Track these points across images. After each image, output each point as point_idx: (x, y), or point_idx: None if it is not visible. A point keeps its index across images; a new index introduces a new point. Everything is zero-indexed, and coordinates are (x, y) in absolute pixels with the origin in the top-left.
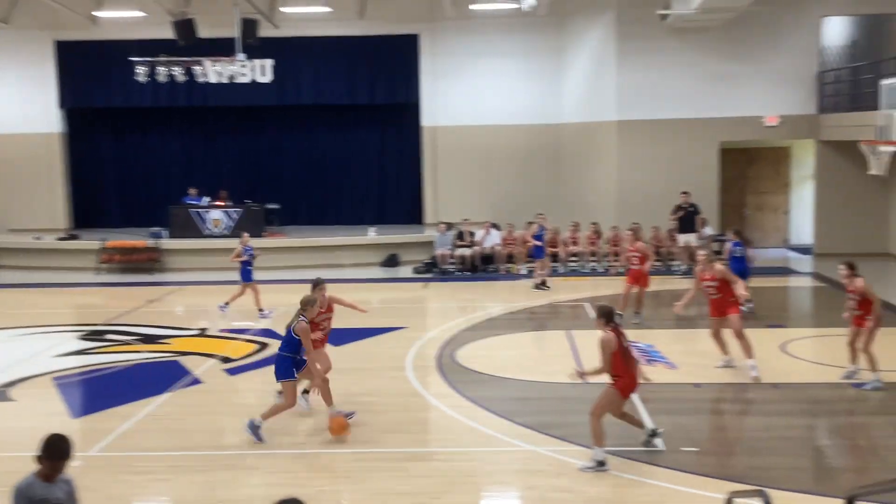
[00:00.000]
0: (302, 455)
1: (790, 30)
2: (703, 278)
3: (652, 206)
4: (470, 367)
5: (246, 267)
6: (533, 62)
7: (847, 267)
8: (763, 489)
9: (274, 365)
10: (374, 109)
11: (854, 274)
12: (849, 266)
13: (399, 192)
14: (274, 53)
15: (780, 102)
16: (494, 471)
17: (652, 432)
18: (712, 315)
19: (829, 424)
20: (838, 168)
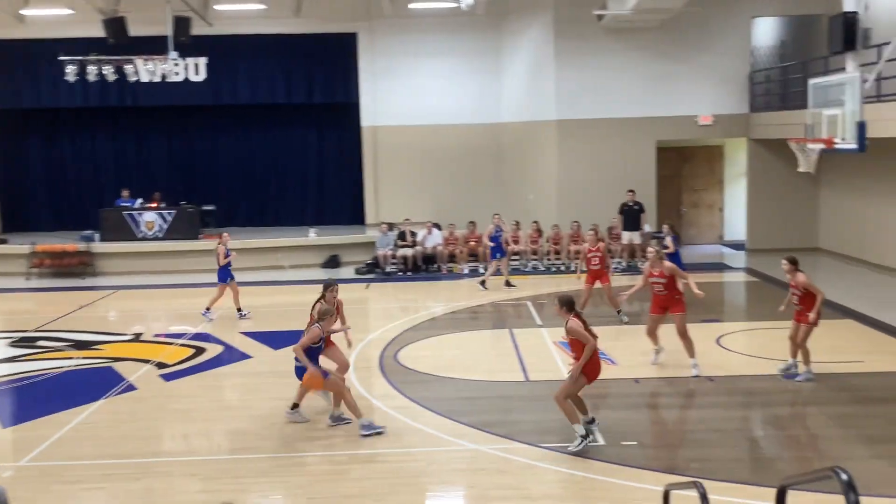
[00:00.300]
0: (242, 459)
1: (722, 30)
2: (651, 275)
3: (592, 204)
4: (412, 368)
5: (225, 268)
6: (472, 61)
7: (789, 262)
8: (698, 481)
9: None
10: (312, 109)
11: (796, 269)
12: (791, 262)
13: (339, 192)
14: (208, 52)
15: (714, 102)
16: (438, 470)
17: (591, 419)
18: (652, 312)
19: (764, 415)
20: (770, 166)
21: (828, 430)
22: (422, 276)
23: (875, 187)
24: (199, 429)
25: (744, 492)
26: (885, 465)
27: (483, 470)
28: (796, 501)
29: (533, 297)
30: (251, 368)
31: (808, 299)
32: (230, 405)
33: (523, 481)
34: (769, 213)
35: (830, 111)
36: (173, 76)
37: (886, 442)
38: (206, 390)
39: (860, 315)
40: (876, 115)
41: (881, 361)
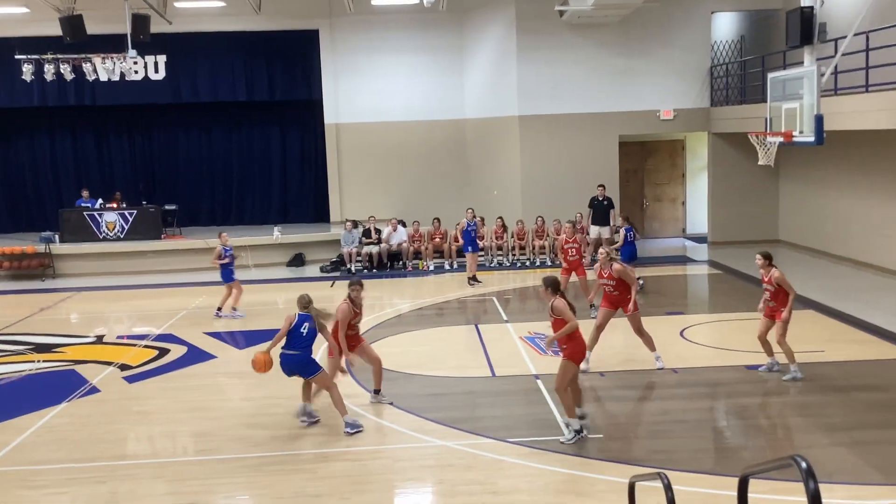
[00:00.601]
0: (208, 461)
1: (682, 25)
2: (601, 276)
3: (555, 199)
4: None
5: (227, 267)
6: (435, 58)
7: (763, 257)
8: (662, 472)
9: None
10: (275, 107)
11: (771, 265)
12: (765, 257)
13: (303, 190)
14: (167, 50)
15: (675, 96)
16: (405, 467)
17: (583, 415)
18: (603, 306)
19: (727, 406)
20: (730, 159)
21: (790, 419)
22: (387, 274)
23: (833, 179)
24: (163, 430)
25: (708, 481)
26: (845, 453)
27: (451, 466)
28: (759, 490)
29: (499, 293)
30: (216, 369)
31: (781, 295)
32: (195, 406)
33: (490, 476)
34: (730, 206)
35: (789, 105)
36: (132, 75)
37: (847, 429)
38: (170, 392)
39: (821, 305)
40: (833, 109)
41: (841, 351)
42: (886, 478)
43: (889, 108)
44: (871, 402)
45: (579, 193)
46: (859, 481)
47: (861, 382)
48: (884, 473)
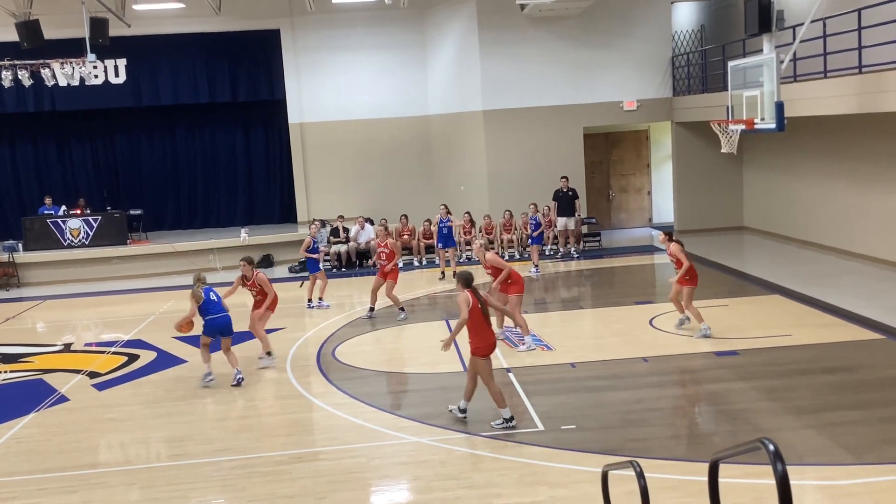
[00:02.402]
0: (180, 465)
1: (643, 16)
2: (484, 268)
3: (523, 192)
4: (351, 364)
5: (314, 258)
6: (398, 55)
7: (664, 234)
8: (633, 460)
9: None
10: (238, 108)
11: (670, 240)
12: (666, 234)
13: (270, 191)
14: (127, 53)
15: (638, 87)
16: (380, 465)
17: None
18: (500, 292)
19: (698, 392)
20: (694, 148)
21: (759, 403)
22: (356, 272)
23: (795, 165)
24: (135, 437)
25: (680, 468)
26: (813, 435)
27: (425, 462)
28: (730, 474)
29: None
30: (186, 373)
31: (682, 265)
32: (166, 412)
33: (465, 471)
34: (695, 195)
35: (750, 92)
36: (92, 79)
37: (814, 412)
38: (141, 398)
39: (786, 290)
40: (793, 95)
41: (807, 334)
42: (855, 458)
43: (847, 93)
44: (838, 383)
45: (546, 186)
46: (829, 462)
47: (828, 365)
48: (853, 454)
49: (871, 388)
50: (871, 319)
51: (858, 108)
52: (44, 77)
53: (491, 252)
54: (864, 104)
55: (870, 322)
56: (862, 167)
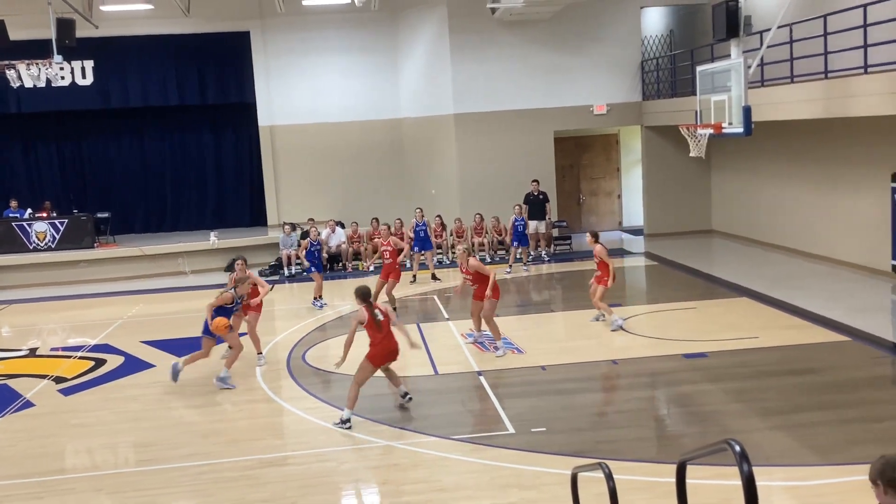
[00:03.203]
0: (148, 471)
1: (613, 21)
2: (461, 271)
3: (493, 196)
4: (321, 368)
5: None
6: (369, 58)
7: (591, 235)
8: (602, 462)
9: None
10: (207, 110)
11: (596, 241)
12: (592, 235)
13: (239, 194)
14: (95, 54)
15: (608, 91)
16: (350, 469)
17: (404, 394)
18: (474, 298)
19: (667, 394)
20: (663, 152)
21: (728, 404)
22: (327, 276)
23: (763, 169)
24: (102, 443)
25: (650, 469)
26: (781, 436)
27: (395, 466)
28: (698, 475)
29: (440, 291)
30: (154, 378)
31: (604, 266)
32: (134, 417)
33: (435, 474)
34: (664, 198)
35: (718, 97)
36: (59, 81)
37: (781, 413)
38: (108, 403)
39: (754, 293)
40: (760, 100)
41: (775, 336)
42: (822, 458)
43: (813, 98)
44: (804, 385)
45: (517, 190)
46: (797, 463)
47: (795, 367)
48: (820, 454)
49: (836, 389)
50: (837, 321)
51: (824, 113)
52: (9, 78)
53: (474, 258)
54: (830, 109)
55: (835, 324)
56: (827, 171)
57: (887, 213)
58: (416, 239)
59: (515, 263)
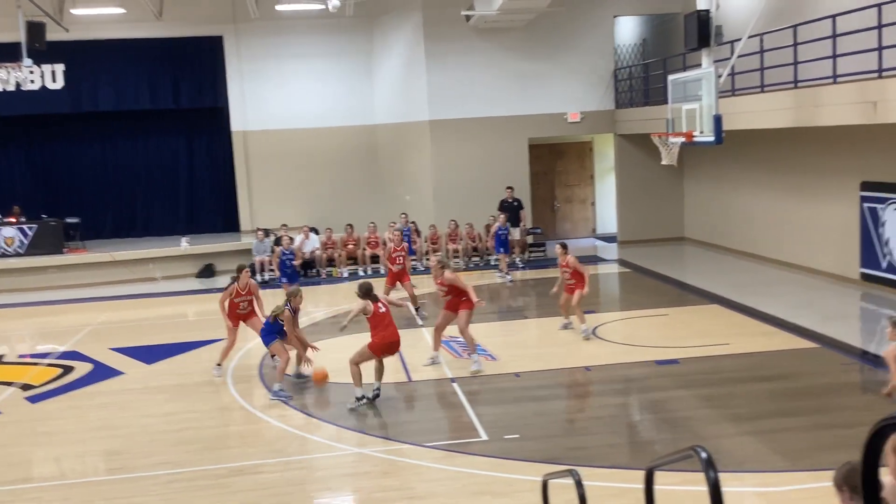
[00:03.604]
0: (117, 480)
1: (586, 30)
2: (436, 282)
3: (468, 202)
4: (294, 376)
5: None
6: (343, 63)
7: (561, 247)
8: (573, 468)
9: None
10: (180, 114)
11: (566, 253)
12: (563, 246)
13: (212, 199)
14: (65, 58)
15: (581, 99)
16: (322, 477)
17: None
18: (445, 308)
19: (640, 401)
20: (636, 160)
21: (699, 410)
22: (300, 282)
23: (734, 177)
24: (70, 451)
25: (622, 476)
26: (751, 442)
27: (367, 473)
28: (669, 481)
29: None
30: (123, 385)
31: (579, 276)
32: (103, 425)
33: (408, 481)
34: (637, 206)
35: (689, 106)
36: (28, 84)
37: (752, 419)
38: (76, 411)
39: (725, 300)
40: (731, 109)
41: (745, 343)
42: (792, 464)
43: (783, 107)
44: (774, 391)
45: (491, 196)
46: (767, 469)
47: (765, 373)
48: (789, 460)
49: (805, 395)
50: (806, 328)
51: (794, 122)
52: None
53: (450, 271)
54: (800, 118)
55: (804, 331)
56: (797, 180)
57: (856, 222)
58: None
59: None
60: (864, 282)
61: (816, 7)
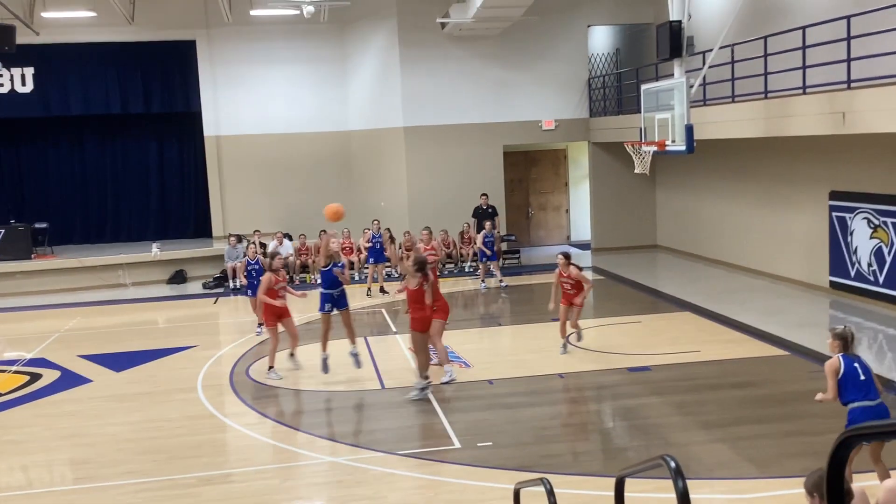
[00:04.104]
0: (85, 489)
1: (561, 38)
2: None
3: (442, 209)
4: (265, 383)
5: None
6: (318, 69)
7: (563, 257)
8: (544, 477)
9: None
10: (151, 119)
11: (569, 263)
12: (565, 256)
13: (184, 204)
14: (35, 61)
15: (556, 107)
16: (293, 486)
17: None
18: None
19: (612, 408)
20: (610, 168)
21: (670, 417)
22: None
23: (705, 186)
24: (37, 460)
25: (594, 483)
26: (722, 448)
27: (339, 482)
28: (641, 489)
29: (387, 304)
30: (91, 393)
31: (578, 287)
32: (70, 433)
33: (380, 490)
34: (611, 214)
35: (661, 115)
36: None
37: (722, 426)
38: (43, 419)
39: (696, 307)
40: (703, 118)
41: (716, 350)
42: (762, 471)
43: (753, 117)
44: (744, 398)
45: (466, 203)
46: (737, 476)
47: (735, 380)
48: (760, 467)
49: (774, 402)
50: (775, 336)
51: (764, 132)
52: None
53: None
54: (770, 128)
55: (774, 338)
56: (767, 189)
57: (825, 231)
58: (372, 251)
59: (487, 278)
60: (833, 290)
61: (786, 19)
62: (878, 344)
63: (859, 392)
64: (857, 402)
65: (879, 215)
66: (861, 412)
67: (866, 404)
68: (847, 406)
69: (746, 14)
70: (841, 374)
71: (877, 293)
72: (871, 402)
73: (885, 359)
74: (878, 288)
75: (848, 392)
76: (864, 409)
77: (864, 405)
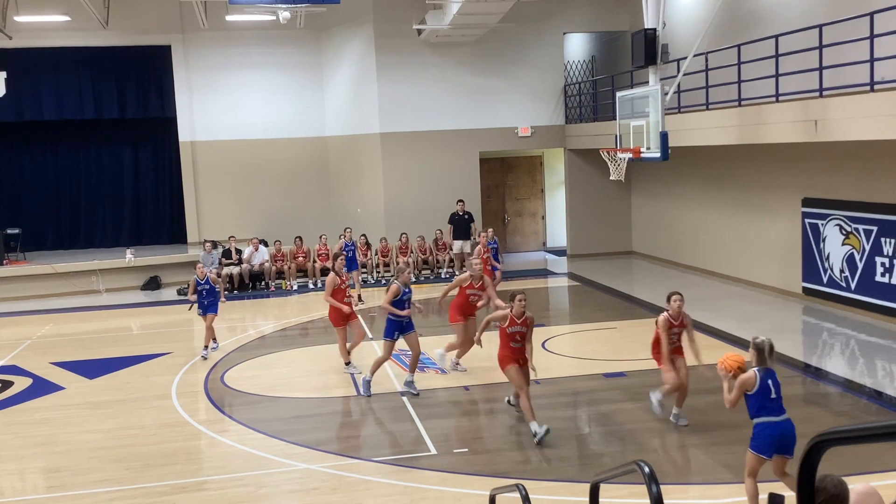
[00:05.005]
0: (58, 498)
1: (537, 46)
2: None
3: (419, 215)
4: (240, 390)
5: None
6: (294, 75)
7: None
8: (520, 483)
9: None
10: (126, 124)
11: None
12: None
13: (158, 210)
14: (8, 66)
15: (532, 114)
16: (268, 494)
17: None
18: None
19: (589, 414)
20: (585, 175)
21: (647, 423)
22: (249, 294)
23: (680, 193)
24: (8, 468)
25: (569, 489)
26: (697, 454)
27: (315, 489)
28: (616, 494)
29: (364, 311)
30: (64, 401)
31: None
32: (42, 441)
33: (356, 497)
34: (587, 220)
35: (636, 122)
36: None
37: (697, 432)
38: (14, 427)
39: None
40: (677, 126)
41: (690, 356)
42: (736, 476)
43: (727, 125)
44: (719, 403)
45: (442, 209)
46: (711, 481)
47: (709, 386)
48: (733, 472)
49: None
50: (749, 341)
51: (738, 140)
52: None
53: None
54: (744, 136)
55: (748, 344)
56: (741, 195)
57: (798, 237)
58: (346, 259)
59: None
60: (807, 296)
61: (760, 27)
62: (850, 350)
63: (766, 409)
64: (763, 417)
65: (851, 222)
66: (765, 427)
67: (771, 419)
68: (753, 420)
69: (720, 22)
70: (754, 391)
71: (849, 299)
72: (777, 418)
73: (857, 364)
74: (850, 294)
75: (756, 408)
76: (769, 425)
77: (769, 420)
